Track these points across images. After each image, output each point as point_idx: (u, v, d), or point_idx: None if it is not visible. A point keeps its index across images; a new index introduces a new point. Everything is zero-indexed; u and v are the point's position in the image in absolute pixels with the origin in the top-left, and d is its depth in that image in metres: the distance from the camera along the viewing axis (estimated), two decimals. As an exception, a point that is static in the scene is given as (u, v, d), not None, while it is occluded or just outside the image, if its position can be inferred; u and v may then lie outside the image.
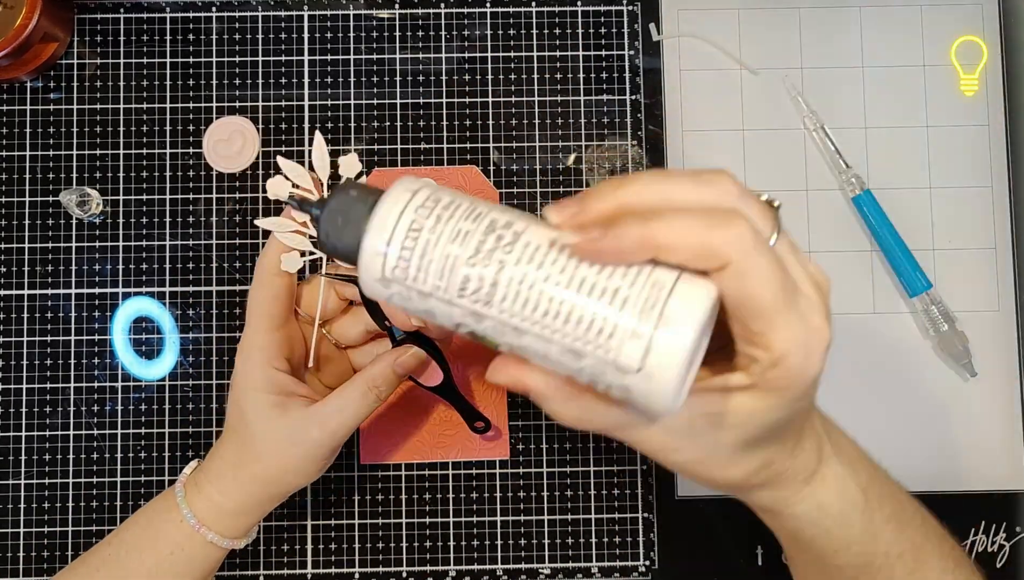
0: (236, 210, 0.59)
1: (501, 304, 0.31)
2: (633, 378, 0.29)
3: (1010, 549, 0.57)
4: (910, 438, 0.58)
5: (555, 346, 0.30)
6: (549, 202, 0.59)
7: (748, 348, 0.31)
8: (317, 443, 0.46)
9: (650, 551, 0.57)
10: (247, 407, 0.46)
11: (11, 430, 0.57)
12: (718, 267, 0.29)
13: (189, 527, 0.47)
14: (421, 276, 0.32)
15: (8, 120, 0.59)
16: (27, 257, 0.58)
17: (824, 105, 0.59)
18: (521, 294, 0.30)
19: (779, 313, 0.30)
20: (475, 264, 0.31)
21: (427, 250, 0.31)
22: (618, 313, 0.29)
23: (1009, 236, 0.59)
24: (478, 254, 0.31)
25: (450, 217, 0.32)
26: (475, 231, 0.31)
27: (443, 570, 0.57)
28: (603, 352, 0.29)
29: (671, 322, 0.29)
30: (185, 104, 0.59)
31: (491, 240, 0.31)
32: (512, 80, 0.60)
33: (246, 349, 0.47)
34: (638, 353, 0.29)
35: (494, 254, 0.31)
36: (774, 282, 0.29)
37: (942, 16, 0.60)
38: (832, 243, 0.59)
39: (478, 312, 0.31)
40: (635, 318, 0.29)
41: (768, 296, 0.29)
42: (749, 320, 0.30)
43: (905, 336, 0.58)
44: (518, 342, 0.31)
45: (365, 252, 0.32)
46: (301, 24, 0.60)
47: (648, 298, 0.29)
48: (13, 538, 0.57)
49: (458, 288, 0.31)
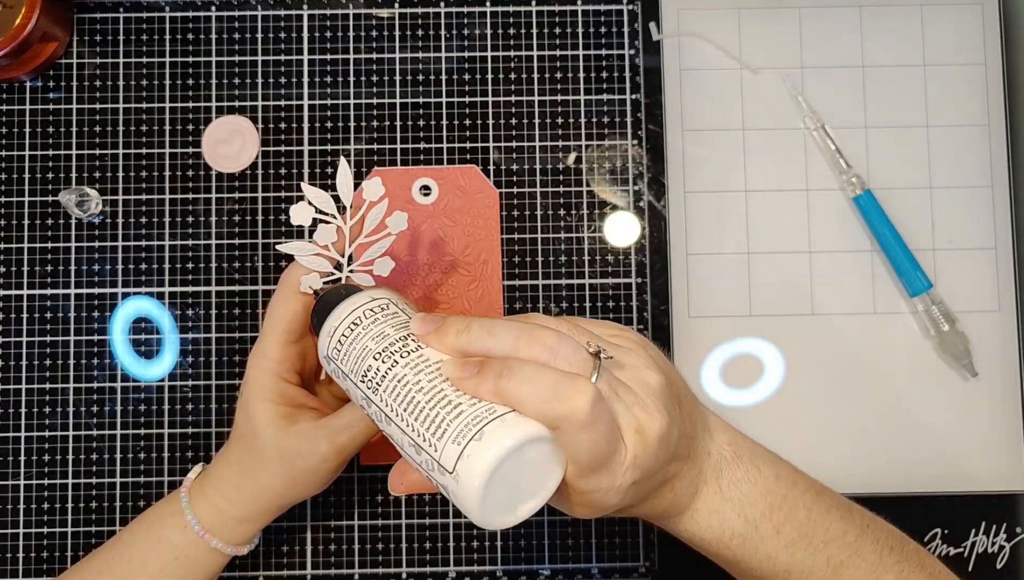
0: (235, 210, 0.59)
1: (383, 393, 0.37)
2: (450, 479, 0.34)
3: (1010, 550, 0.57)
4: (910, 438, 0.58)
5: (407, 438, 0.36)
6: (549, 202, 0.59)
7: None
8: (324, 457, 0.46)
9: (650, 551, 0.57)
10: (257, 417, 0.46)
11: (11, 430, 0.57)
12: (552, 428, 0.35)
13: (193, 533, 0.47)
14: (345, 359, 0.40)
15: (7, 120, 0.59)
16: (26, 257, 0.58)
17: (824, 105, 0.59)
18: (396, 389, 0.37)
19: (592, 472, 0.35)
20: (377, 358, 0.38)
21: (355, 341, 0.40)
22: (451, 421, 0.35)
23: (1009, 236, 0.59)
24: (384, 352, 0.38)
25: (383, 322, 0.40)
26: (392, 337, 0.39)
27: (443, 570, 0.57)
28: (433, 451, 0.35)
29: (486, 439, 0.34)
30: (184, 104, 0.59)
31: (398, 345, 0.38)
32: (512, 80, 0.60)
33: (260, 360, 0.47)
34: (454, 457, 0.34)
35: (393, 356, 0.38)
36: (590, 457, 0.35)
37: (942, 16, 0.60)
38: (832, 243, 0.59)
39: (368, 397, 0.38)
40: (461, 428, 0.34)
41: (583, 462, 0.35)
42: (568, 462, 0.36)
43: (906, 336, 0.58)
44: (388, 429, 0.38)
45: (322, 333, 0.42)
46: (300, 23, 0.60)
47: (478, 416, 0.34)
48: (12, 538, 0.57)
49: (362, 373, 0.39)
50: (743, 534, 0.41)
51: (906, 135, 0.59)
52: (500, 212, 0.59)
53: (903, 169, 0.59)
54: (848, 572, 0.42)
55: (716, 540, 0.41)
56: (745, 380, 0.58)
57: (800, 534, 0.41)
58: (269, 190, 0.59)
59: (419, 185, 0.59)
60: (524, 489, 0.35)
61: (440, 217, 0.58)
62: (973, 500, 0.57)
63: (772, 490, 0.42)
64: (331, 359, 0.41)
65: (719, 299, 0.58)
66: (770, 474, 0.42)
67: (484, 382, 0.35)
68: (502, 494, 0.34)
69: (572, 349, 0.36)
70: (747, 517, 0.41)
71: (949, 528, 0.57)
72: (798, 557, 0.41)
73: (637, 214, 0.59)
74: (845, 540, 0.42)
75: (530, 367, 0.35)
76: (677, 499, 0.41)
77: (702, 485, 0.41)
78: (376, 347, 0.39)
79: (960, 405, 0.58)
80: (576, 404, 0.34)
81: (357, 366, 0.39)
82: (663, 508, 0.41)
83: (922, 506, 0.57)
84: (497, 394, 0.35)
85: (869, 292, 0.59)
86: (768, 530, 0.41)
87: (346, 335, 0.40)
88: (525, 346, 0.36)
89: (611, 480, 0.36)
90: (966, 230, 0.59)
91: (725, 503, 0.41)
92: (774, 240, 0.59)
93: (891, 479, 0.57)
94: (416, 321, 0.39)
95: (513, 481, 0.34)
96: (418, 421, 0.36)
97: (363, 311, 0.41)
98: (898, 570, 0.42)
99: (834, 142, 0.59)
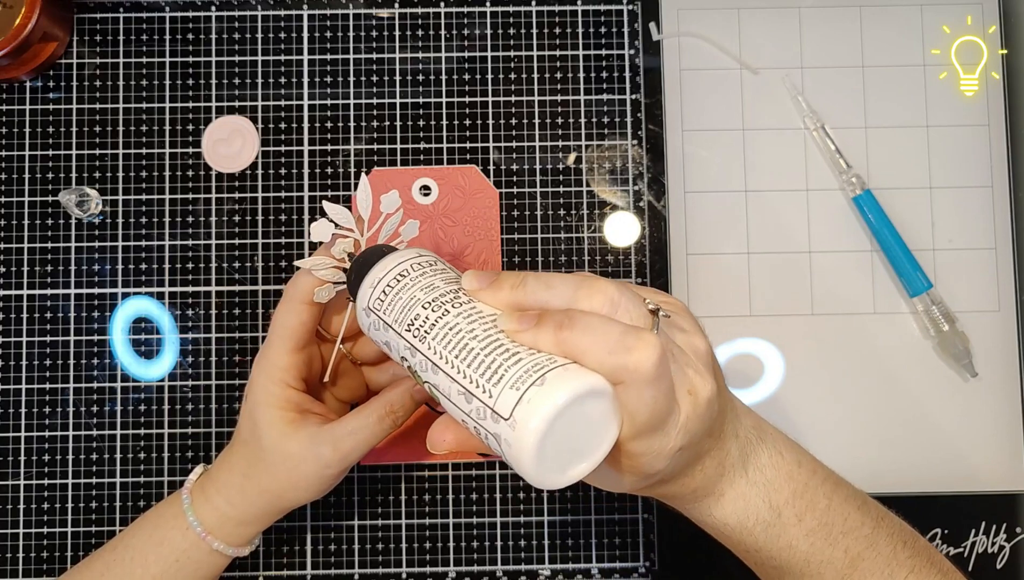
0: (235, 210, 0.59)
1: (431, 341, 0.36)
2: (504, 427, 0.33)
3: (1010, 550, 0.57)
4: (910, 438, 0.58)
5: (456, 386, 0.35)
6: (549, 202, 0.59)
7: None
8: (327, 463, 0.46)
9: (650, 551, 0.57)
10: (261, 422, 0.46)
11: (10, 430, 0.57)
12: (613, 382, 0.33)
13: (195, 535, 0.47)
14: (389, 309, 0.39)
15: (7, 120, 0.59)
16: (26, 257, 0.58)
17: (824, 105, 0.59)
18: (448, 336, 0.36)
19: (648, 433, 0.34)
20: (427, 307, 0.37)
21: (402, 291, 0.39)
22: (509, 367, 0.33)
23: (1009, 236, 0.59)
24: (434, 302, 0.37)
25: (432, 275, 0.39)
26: (443, 289, 0.38)
27: (443, 571, 0.57)
28: (487, 397, 0.33)
29: (549, 385, 0.32)
30: (184, 104, 0.59)
31: (449, 297, 0.38)
32: (512, 80, 0.60)
33: (266, 366, 0.47)
34: (511, 402, 0.33)
35: (444, 305, 0.37)
36: (650, 414, 0.34)
37: (942, 16, 0.60)
38: (832, 243, 0.59)
39: (414, 346, 0.37)
40: (520, 374, 0.33)
41: (641, 421, 0.34)
42: (625, 420, 0.35)
43: (906, 336, 0.58)
44: (433, 379, 0.37)
45: (364, 284, 0.41)
46: (300, 23, 0.60)
47: (538, 364, 0.33)
48: (12, 538, 0.57)
49: (408, 322, 0.38)
50: (767, 520, 0.40)
51: (906, 135, 0.59)
52: (500, 212, 0.59)
53: (903, 169, 0.59)
54: (864, 565, 0.41)
55: (740, 526, 0.41)
56: (745, 380, 0.58)
57: (820, 523, 0.41)
58: (269, 190, 0.59)
59: (419, 185, 0.59)
60: (577, 449, 0.34)
61: (440, 217, 0.58)
62: (973, 500, 0.57)
63: (794, 477, 0.41)
64: (372, 310, 0.40)
65: (719, 299, 0.58)
66: (792, 460, 0.42)
67: (543, 333, 0.34)
68: (556, 449, 0.33)
69: (633, 304, 0.35)
70: (771, 503, 0.40)
71: (949, 528, 0.57)
72: (818, 547, 0.41)
73: (637, 214, 0.59)
74: (862, 532, 0.42)
75: (594, 318, 0.33)
76: (706, 479, 0.40)
77: (729, 468, 0.40)
78: (425, 297, 0.38)
79: (960, 405, 0.58)
80: (643, 357, 0.32)
81: (403, 315, 0.38)
82: (692, 488, 0.40)
83: (922, 506, 0.57)
84: (558, 345, 0.33)
85: (869, 292, 0.59)
86: (791, 517, 0.41)
87: (391, 286, 0.39)
88: (585, 297, 0.34)
89: (663, 442, 0.35)
90: (966, 230, 0.59)
91: (751, 488, 0.40)
92: (774, 240, 0.59)
93: (891, 479, 0.57)
94: (468, 276, 0.38)
95: (569, 437, 0.33)
96: (471, 367, 0.34)
97: (410, 264, 0.40)
98: (911, 565, 0.42)
99: (834, 142, 0.59)
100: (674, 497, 0.41)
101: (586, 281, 0.35)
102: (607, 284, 0.35)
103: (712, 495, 0.41)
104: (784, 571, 0.42)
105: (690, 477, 0.39)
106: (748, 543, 0.41)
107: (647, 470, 0.36)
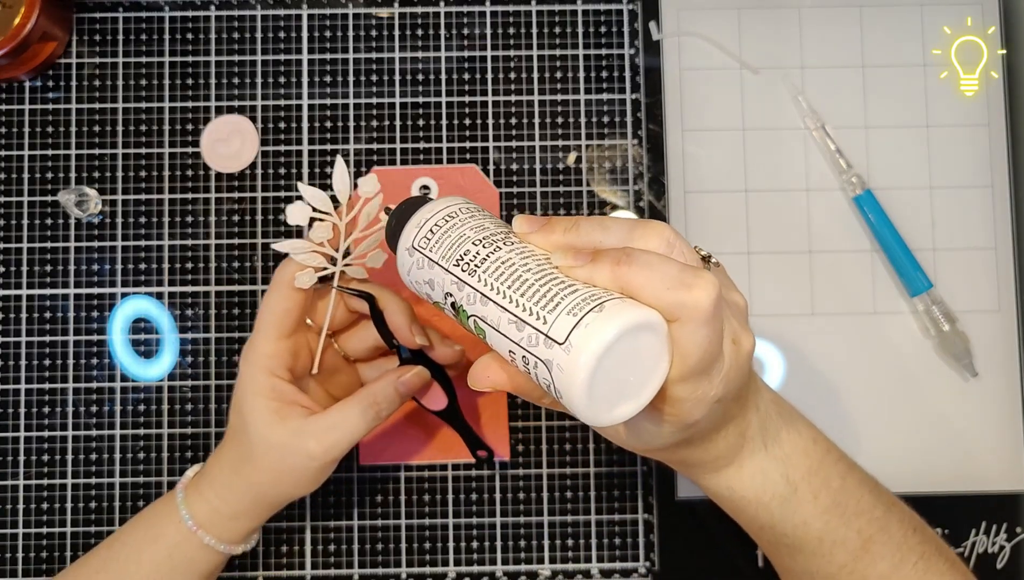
0: (235, 210, 0.59)
1: (483, 274, 0.36)
2: (558, 352, 0.32)
3: (1010, 550, 0.57)
4: (910, 438, 0.58)
5: (507, 315, 0.35)
6: (549, 202, 0.59)
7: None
8: (310, 455, 0.46)
9: (650, 552, 0.57)
10: (247, 411, 0.46)
11: (10, 430, 0.57)
12: (669, 319, 0.33)
13: (187, 529, 0.47)
14: (436, 247, 0.39)
15: (7, 120, 0.59)
16: (26, 257, 0.58)
17: (824, 105, 0.59)
18: (499, 269, 0.36)
19: (697, 374, 0.34)
20: (477, 244, 0.37)
21: (451, 230, 0.39)
22: (566, 295, 0.33)
23: (1010, 236, 0.59)
24: (484, 240, 0.37)
25: (482, 218, 0.39)
26: (493, 229, 0.38)
27: (443, 571, 0.57)
28: (541, 323, 0.33)
29: (608, 311, 0.32)
30: (184, 103, 0.59)
31: (500, 236, 0.37)
32: (512, 79, 0.60)
33: (251, 355, 0.47)
34: (567, 327, 0.32)
35: (496, 242, 0.37)
36: (702, 354, 0.33)
37: (942, 16, 0.60)
38: (832, 243, 0.59)
39: (463, 280, 0.37)
40: (578, 301, 0.33)
41: (693, 361, 0.33)
42: (676, 360, 0.34)
43: (906, 336, 0.58)
44: (482, 311, 0.36)
45: (409, 224, 0.40)
46: (300, 23, 0.60)
47: (595, 294, 0.33)
48: (12, 538, 0.57)
49: (457, 258, 0.38)
50: (784, 495, 0.41)
51: (906, 135, 0.59)
52: (500, 212, 0.59)
53: (903, 169, 0.59)
54: (876, 548, 0.42)
55: (756, 500, 0.41)
56: (745, 380, 0.58)
57: (834, 502, 0.41)
58: (269, 190, 0.59)
59: (419, 185, 0.59)
60: (626, 387, 0.34)
61: (440, 217, 0.58)
62: (973, 500, 0.57)
63: (810, 453, 0.42)
64: (417, 249, 0.40)
65: (719, 299, 0.58)
66: (808, 438, 0.42)
67: (601, 268, 0.34)
68: (608, 382, 0.33)
69: (688, 247, 0.35)
70: (789, 478, 0.41)
71: (949, 528, 0.57)
72: (832, 526, 0.41)
73: (637, 214, 0.59)
74: (874, 514, 0.42)
75: (652, 255, 0.33)
76: (728, 447, 0.40)
77: (749, 439, 0.41)
78: (476, 236, 0.38)
79: (960, 405, 0.58)
80: (703, 295, 0.32)
81: (452, 252, 0.38)
82: (714, 455, 0.40)
83: (922, 506, 0.57)
84: (615, 280, 0.33)
85: (869, 292, 0.59)
86: (806, 494, 0.41)
87: (439, 225, 0.39)
88: (640, 237, 0.34)
89: (707, 387, 0.35)
90: (966, 230, 0.59)
91: (769, 461, 0.41)
92: (774, 240, 0.59)
93: (891, 479, 0.57)
94: (519, 219, 0.37)
95: (621, 371, 0.33)
96: (525, 297, 0.34)
97: (459, 207, 0.40)
98: (920, 551, 0.42)
99: (834, 142, 0.59)
100: (695, 464, 0.41)
101: (642, 222, 0.35)
102: (663, 226, 0.35)
103: (732, 465, 0.41)
104: (797, 549, 0.42)
105: (713, 443, 0.39)
106: (763, 519, 0.42)
107: (687, 418, 0.36)
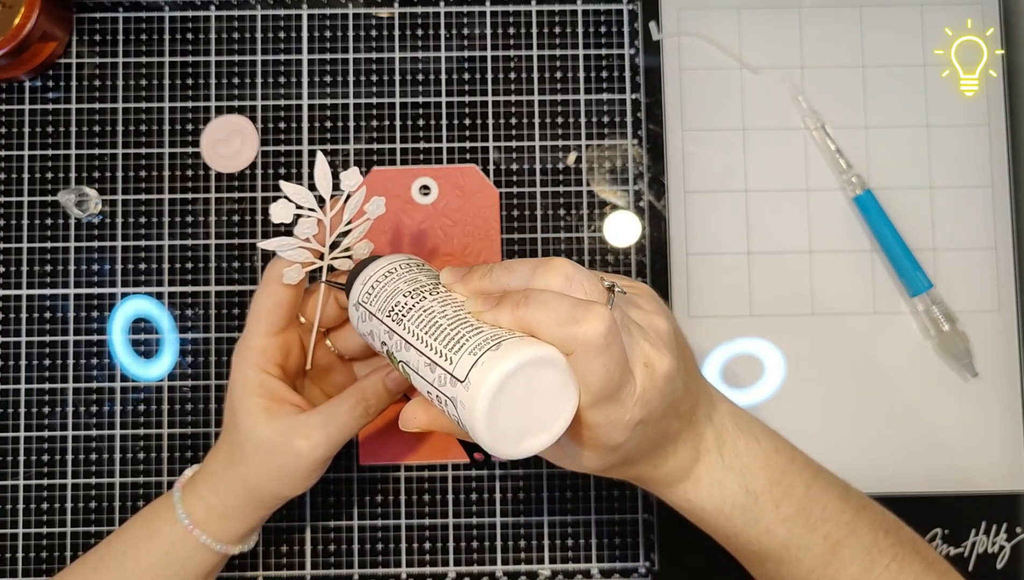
0: (235, 210, 0.59)
1: (407, 322, 0.39)
2: (460, 389, 0.35)
3: (1010, 550, 0.57)
4: (910, 438, 0.58)
5: (423, 359, 0.38)
6: (549, 202, 0.59)
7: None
8: (298, 453, 0.45)
9: (650, 552, 0.57)
10: (237, 408, 0.46)
11: (10, 430, 0.57)
12: (565, 353, 0.35)
13: (183, 528, 0.47)
14: (375, 300, 0.42)
15: (7, 120, 0.59)
16: (26, 257, 0.58)
17: (824, 105, 0.59)
18: (420, 317, 0.39)
19: (603, 401, 0.36)
20: (407, 295, 0.41)
21: (388, 284, 0.42)
22: (471, 337, 0.36)
23: (1009, 236, 0.59)
24: (414, 291, 0.41)
25: (417, 272, 0.43)
26: (424, 281, 0.42)
27: (442, 571, 0.57)
28: (448, 363, 0.36)
29: (503, 350, 0.34)
30: (184, 103, 0.59)
31: (428, 287, 0.41)
32: (512, 79, 0.60)
33: (242, 351, 0.47)
34: (468, 365, 0.35)
35: (423, 293, 0.40)
36: (603, 383, 0.35)
37: (942, 16, 0.60)
38: (833, 243, 0.59)
39: (392, 329, 0.40)
40: (480, 342, 0.35)
41: (596, 389, 0.35)
42: (581, 390, 0.36)
43: (906, 336, 0.58)
44: (406, 356, 0.39)
45: (356, 282, 0.44)
46: (300, 23, 0.60)
47: (497, 335, 0.36)
48: (12, 538, 0.57)
49: (389, 309, 0.41)
50: (744, 506, 0.41)
51: (906, 135, 0.59)
52: (500, 212, 0.59)
53: (903, 169, 0.59)
54: (844, 551, 0.42)
55: (717, 511, 0.42)
56: (745, 380, 0.58)
57: (798, 509, 0.42)
58: (268, 190, 0.59)
59: (419, 185, 0.59)
60: (536, 421, 0.36)
61: (440, 217, 0.58)
62: (973, 500, 0.57)
63: (771, 463, 0.42)
64: (360, 304, 0.43)
65: (719, 299, 0.58)
66: (769, 447, 0.43)
67: (503, 311, 0.36)
68: (512, 415, 0.35)
69: (588, 279, 0.36)
70: (748, 488, 0.41)
71: (949, 528, 0.57)
72: (795, 532, 0.42)
73: (637, 214, 0.59)
74: (842, 519, 0.42)
75: (547, 294, 0.35)
76: (680, 463, 0.41)
77: (704, 453, 0.41)
78: (407, 288, 0.41)
79: (960, 405, 0.58)
80: (591, 327, 0.34)
81: (386, 304, 0.41)
82: (665, 471, 0.41)
83: (922, 506, 0.57)
84: (516, 321, 0.36)
85: (869, 292, 0.59)
86: (768, 503, 0.42)
87: (379, 281, 0.43)
88: (542, 275, 0.37)
89: (620, 412, 0.36)
90: (966, 230, 0.59)
91: (727, 473, 0.41)
92: (774, 240, 0.59)
93: (891, 479, 0.57)
94: (446, 270, 0.41)
95: (526, 406, 0.35)
96: (437, 340, 0.37)
97: (399, 263, 0.44)
98: (893, 552, 0.43)
99: (834, 142, 0.59)
100: (647, 481, 0.42)
101: (544, 262, 0.37)
102: (563, 262, 0.37)
103: (688, 480, 0.42)
104: (764, 556, 0.43)
105: (661, 459, 0.41)
106: (727, 529, 0.42)
107: (606, 442, 0.37)
